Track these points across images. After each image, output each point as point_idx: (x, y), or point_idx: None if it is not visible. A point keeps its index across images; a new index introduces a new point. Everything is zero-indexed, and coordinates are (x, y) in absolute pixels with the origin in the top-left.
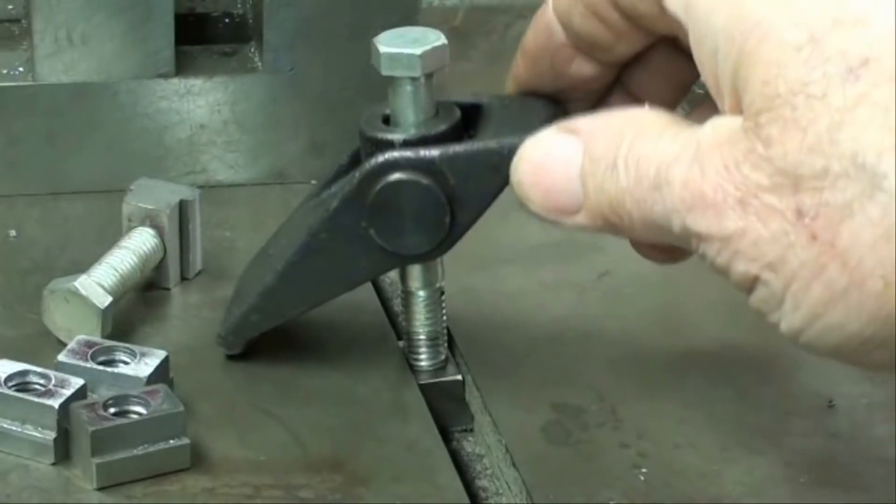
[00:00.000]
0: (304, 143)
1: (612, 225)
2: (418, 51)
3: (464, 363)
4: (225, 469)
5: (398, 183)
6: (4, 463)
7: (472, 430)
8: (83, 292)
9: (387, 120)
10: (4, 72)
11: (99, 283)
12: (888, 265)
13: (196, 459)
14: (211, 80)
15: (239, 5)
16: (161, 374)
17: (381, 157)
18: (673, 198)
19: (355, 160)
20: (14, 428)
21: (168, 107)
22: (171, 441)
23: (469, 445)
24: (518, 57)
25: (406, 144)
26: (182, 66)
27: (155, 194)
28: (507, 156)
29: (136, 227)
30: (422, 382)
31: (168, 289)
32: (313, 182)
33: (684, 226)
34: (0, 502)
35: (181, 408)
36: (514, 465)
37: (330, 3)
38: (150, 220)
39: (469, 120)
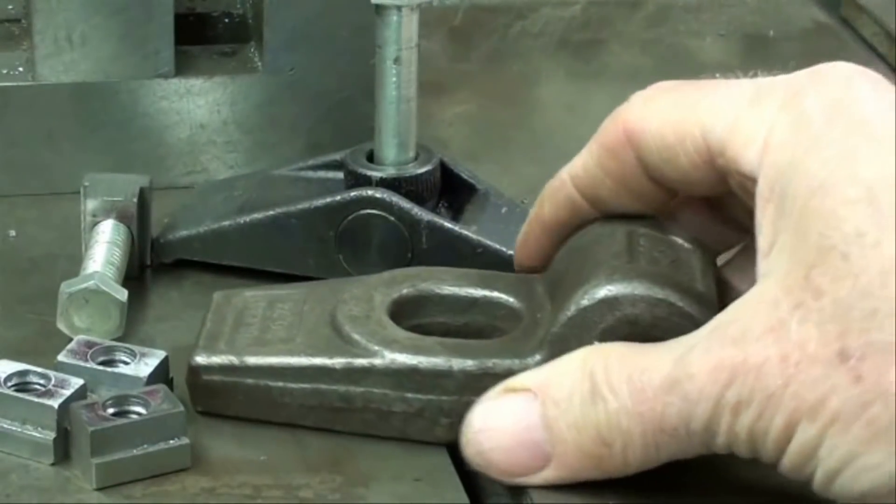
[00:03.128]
0: (304, 143)
1: (594, 461)
2: None
3: None
4: (225, 469)
5: (369, 216)
6: (4, 463)
7: None
8: (105, 289)
9: (370, 157)
10: (4, 72)
11: (110, 278)
12: None
13: (196, 459)
14: (211, 80)
15: (239, 5)
16: (161, 374)
17: (359, 192)
18: (697, 386)
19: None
20: (14, 428)
21: (168, 107)
22: (171, 441)
23: None
24: (532, 229)
25: (383, 182)
26: (182, 66)
27: (114, 186)
28: (479, 253)
29: (100, 221)
30: None
31: (134, 278)
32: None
33: (717, 406)
34: (0, 502)
35: (181, 408)
36: None
37: (330, 3)
38: (116, 212)
39: (456, 193)
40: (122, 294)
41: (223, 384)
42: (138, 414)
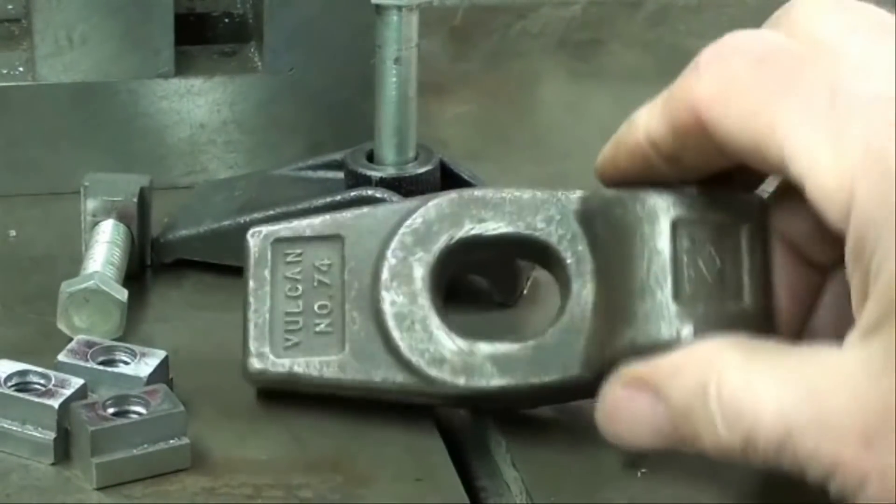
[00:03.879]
0: (304, 143)
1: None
2: None
3: None
4: (225, 469)
5: None
6: (4, 463)
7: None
8: (105, 288)
9: (370, 157)
10: (4, 72)
11: (111, 278)
12: None
13: (196, 459)
14: (211, 80)
15: (239, 5)
16: (161, 374)
17: (359, 192)
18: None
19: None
20: (14, 428)
21: (168, 107)
22: (171, 441)
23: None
24: (610, 160)
25: (383, 182)
26: (182, 66)
27: (114, 186)
28: None
29: (100, 221)
30: None
31: (134, 278)
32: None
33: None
34: (0, 502)
35: (181, 408)
36: (514, 465)
37: (330, 3)
38: (116, 212)
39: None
40: (123, 294)
41: (278, 384)
42: (138, 414)
